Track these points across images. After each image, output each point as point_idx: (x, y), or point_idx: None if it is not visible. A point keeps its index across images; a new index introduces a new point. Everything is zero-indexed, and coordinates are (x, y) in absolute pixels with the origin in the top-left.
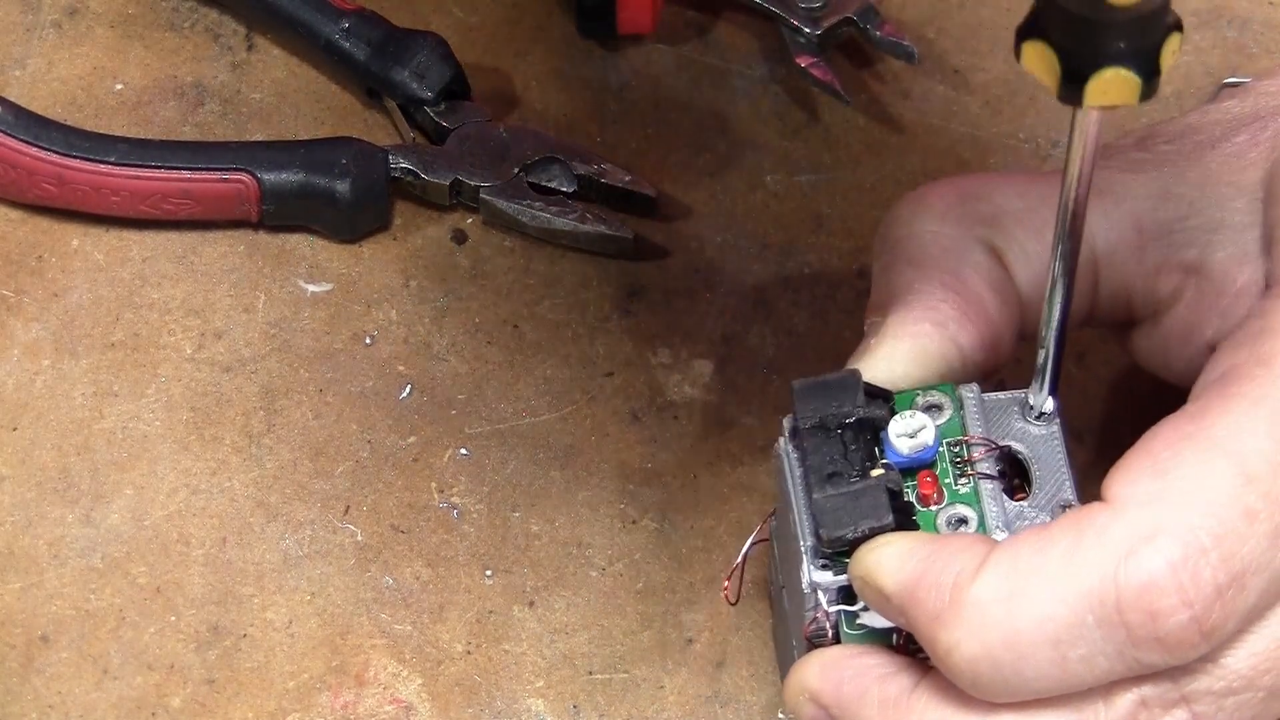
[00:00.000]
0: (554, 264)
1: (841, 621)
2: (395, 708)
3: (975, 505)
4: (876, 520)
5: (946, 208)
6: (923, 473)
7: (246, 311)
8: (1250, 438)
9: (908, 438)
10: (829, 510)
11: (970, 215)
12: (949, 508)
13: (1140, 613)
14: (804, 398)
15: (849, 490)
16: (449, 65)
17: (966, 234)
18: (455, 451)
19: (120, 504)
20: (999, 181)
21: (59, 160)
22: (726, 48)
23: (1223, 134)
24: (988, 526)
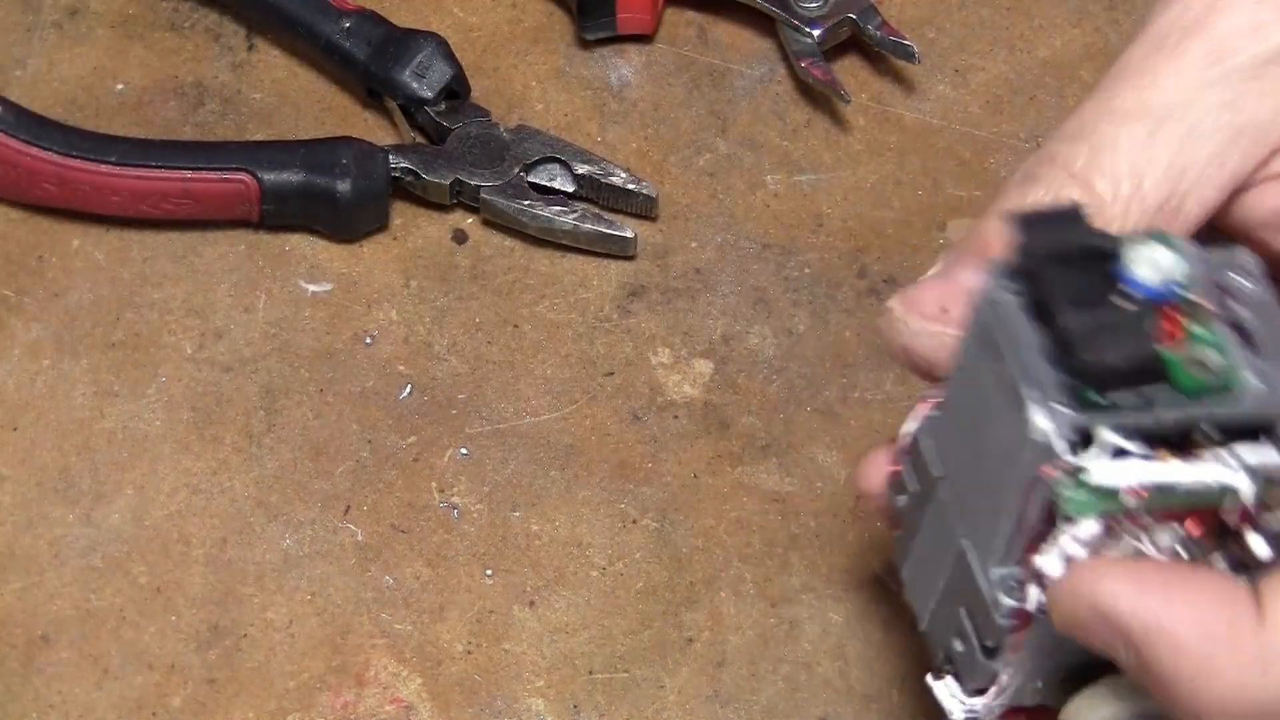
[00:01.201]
0: (554, 264)
1: (1064, 486)
2: (395, 708)
3: (1223, 350)
4: (1139, 350)
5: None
6: (1165, 307)
7: (247, 311)
8: None
9: (1153, 268)
10: (1085, 336)
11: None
12: (1194, 348)
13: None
14: (1027, 229)
15: (1105, 319)
16: (449, 65)
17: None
18: (455, 451)
19: (121, 504)
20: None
21: (59, 160)
22: (726, 48)
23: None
24: (1238, 376)
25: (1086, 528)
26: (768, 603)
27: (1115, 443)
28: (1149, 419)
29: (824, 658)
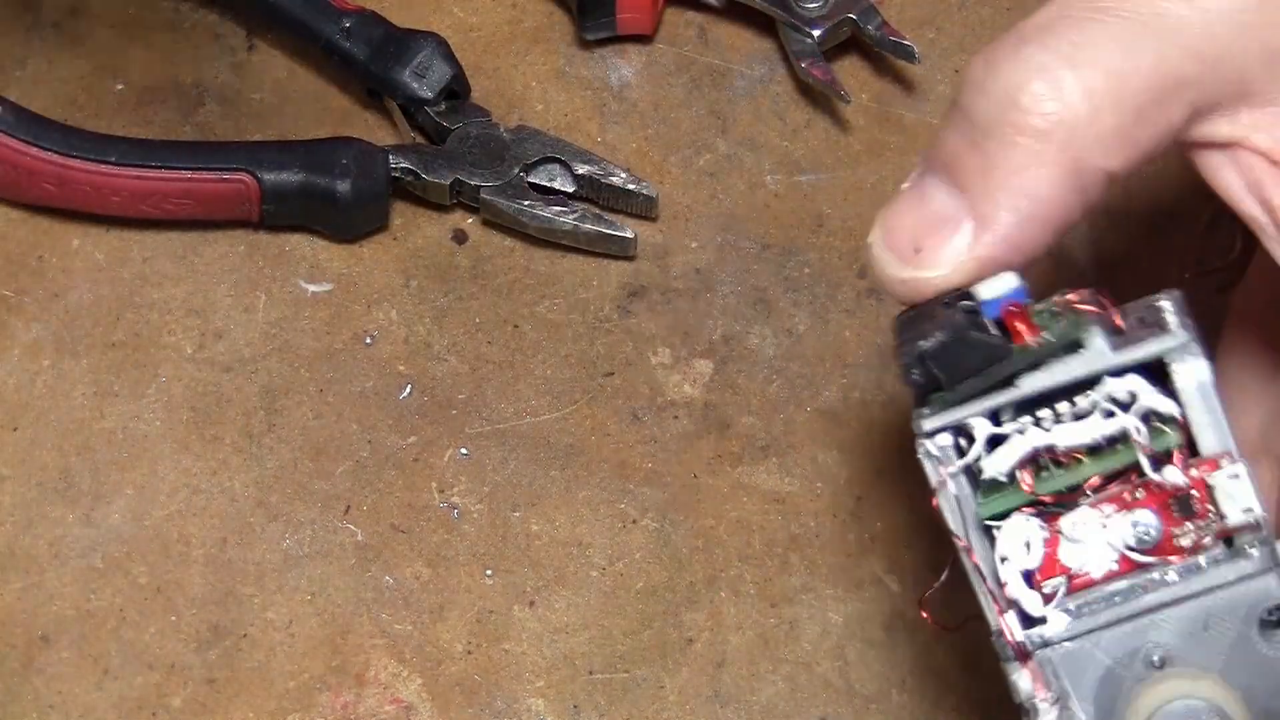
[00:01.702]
0: (554, 264)
1: (962, 489)
2: (395, 708)
3: (1071, 321)
4: (953, 332)
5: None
6: (1007, 310)
7: (247, 311)
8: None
9: (991, 288)
10: (904, 338)
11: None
12: (1044, 332)
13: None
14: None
15: (922, 323)
16: (449, 65)
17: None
18: (455, 451)
19: (121, 504)
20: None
21: (59, 160)
22: (726, 48)
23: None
24: (1088, 337)
25: (1014, 533)
26: (768, 603)
27: (990, 431)
28: (1010, 395)
29: (824, 658)
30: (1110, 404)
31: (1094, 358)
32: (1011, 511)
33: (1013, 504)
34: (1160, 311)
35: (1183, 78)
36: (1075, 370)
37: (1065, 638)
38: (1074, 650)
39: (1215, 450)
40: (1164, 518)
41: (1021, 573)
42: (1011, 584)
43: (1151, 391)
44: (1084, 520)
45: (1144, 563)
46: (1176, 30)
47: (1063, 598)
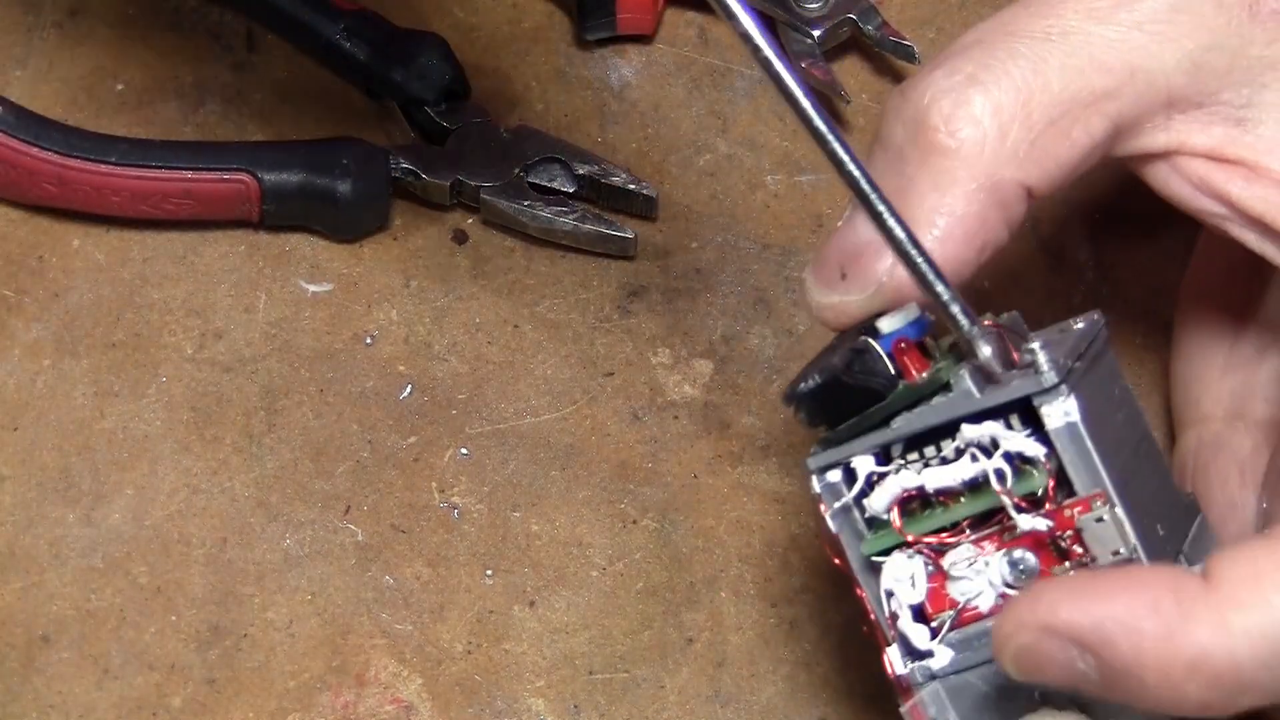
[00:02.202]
0: (554, 264)
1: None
2: (395, 708)
3: (949, 363)
4: (829, 371)
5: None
6: (898, 345)
7: (247, 311)
8: None
9: (889, 322)
10: (793, 382)
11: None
12: (931, 370)
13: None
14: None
15: (811, 366)
16: (449, 65)
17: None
18: (455, 451)
19: (121, 504)
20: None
21: (59, 160)
22: (726, 48)
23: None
24: (956, 379)
25: (895, 570)
26: (768, 603)
27: (870, 470)
28: (888, 435)
29: (824, 658)
30: (976, 448)
31: (959, 401)
32: (894, 548)
33: (894, 541)
34: (1034, 353)
35: (1095, 91)
36: (942, 413)
37: (950, 671)
38: (959, 683)
39: (1087, 489)
40: (1041, 556)
41: (911, 607)
42: (901, 617)
43: (1012, 435)
44: (965, 558)
45: None
46: (1084, 46)
47: (948, 632)
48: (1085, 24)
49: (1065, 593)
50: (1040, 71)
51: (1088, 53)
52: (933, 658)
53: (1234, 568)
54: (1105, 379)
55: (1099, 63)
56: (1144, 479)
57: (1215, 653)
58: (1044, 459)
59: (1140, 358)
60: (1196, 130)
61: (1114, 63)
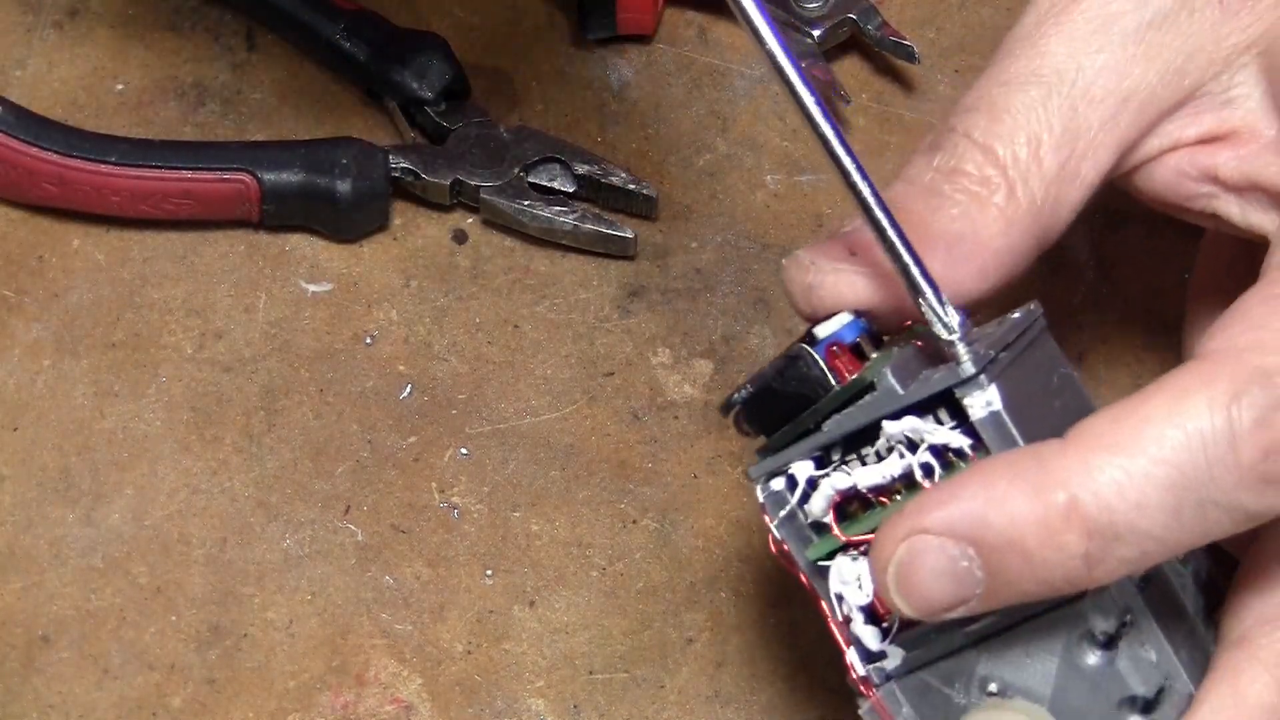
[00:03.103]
0: (554, 264)
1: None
2: (395, 708)
3: (877, 363)
4: (762, 381)
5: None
6: (830, 349)
7: (247, 311)
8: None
9: (826, 327)
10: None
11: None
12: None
13: (1256, 450)
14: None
15: (749, 380)
16: (449, 65)
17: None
18: (455, 451)
19: (121, 504)
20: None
21: (59, 160)
22: (726, 48)
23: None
24: (882, 378)
25: (842, 572)
26: (768, 603)
27: (809, 474)
28: (821, 439)
29: (824, 658)
30: (904, 444)
31: (884, 399)
32: (839, 551)
33: (836, 548)
34: (954, 345)
35: (1094, 125)
36: (868, 412)
37: (903, 670)
38: (915, 682)
39: None
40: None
41: (861, 609)
42: (854, 620)
43: (934, 429)
44: None
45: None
46: (1075, 83)
47: (898, 631)
48: (1071, 60)
49: (929, 498)
50: (1044, 122)
51: (1080, 89)
52: (885, 659)
53: (1093, 423)
54: (1040, 366)
55: (1090, 96)
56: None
57: (1083, 495)
58: (969, 450)
59: (1140, 358)
60: (1187, 125)
61: (1104, 93)
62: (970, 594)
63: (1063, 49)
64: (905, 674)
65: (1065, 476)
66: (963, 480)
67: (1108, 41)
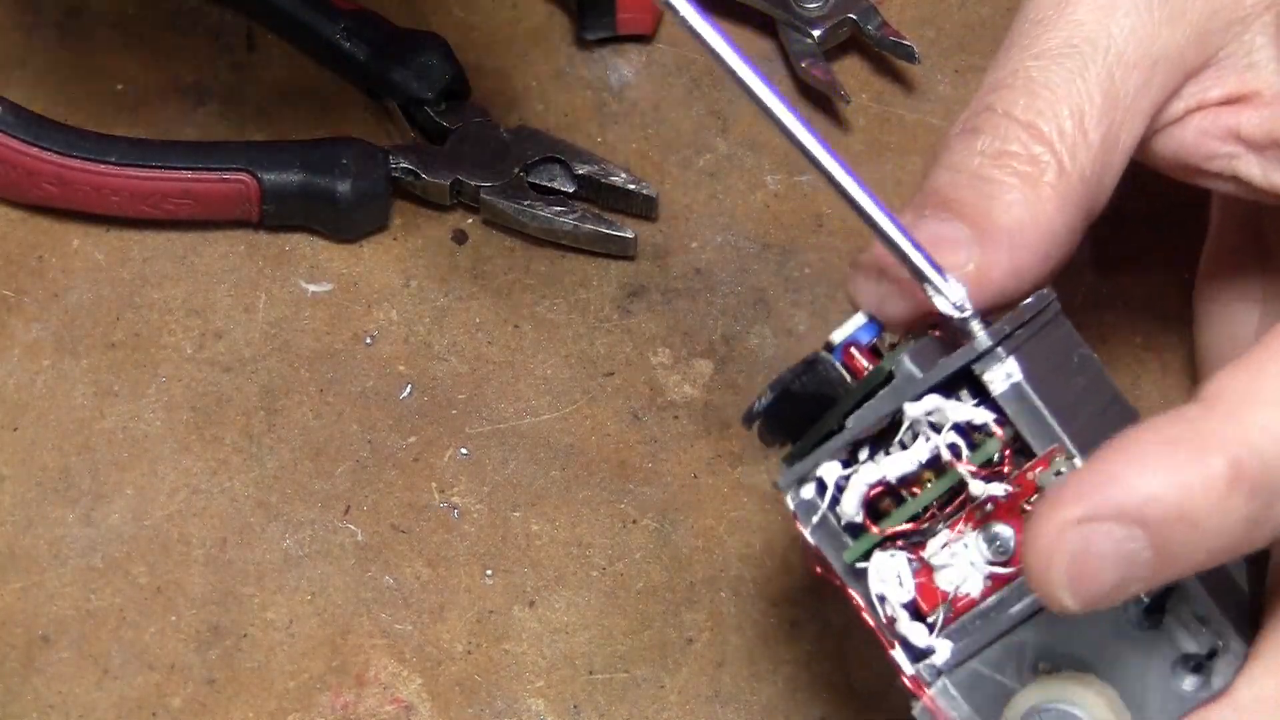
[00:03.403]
0: (554, 264)
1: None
2: (395, 708)
3: (894, 354)
4: (779, 386)
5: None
6: (847, 350)
7: (247, 311)
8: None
9: (841, 331)
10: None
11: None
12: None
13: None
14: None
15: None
16: (449, 65)
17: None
18: (455, 451)
19: (120, 504)
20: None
21: (59, 160)
22: None
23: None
24: (900, 366)
25: (880, 571)
26: (768, 603)
27: (838, 475)
28: (846, 436)
29: (824, 658)
30: (928, 427)
31: (903, 385)
32: (874, 550)
33: (874, 542)
34: (967, 322)
35: (1130, 91)
36: (889, 401)
37: (954, 663)
38: (966, 673)
39: (1044, 447)
40: (1015, 526)
41: (905, 606)
42: (899, 620)
43: (956, 405)
44: (944, 543)
45: (1009, 574)
46: (1109, 49)
47: (944, 624)
48: (1102, 26)
49: (1086, 482)
50: (1085, 93)
51: (1115, 54)
52: (934, 654)
53: (1231, 379)
54: (1058, 345)
55: (1127, 63)
56: (1110, 435)
57: (1243, 454)
58: (994, 424)
59: (1140, 358)
60: (1210, 86)
61: (1138, 57)
62: (1137, 576)
63: (1092, 16)
64: (955, 666)
65: (1222, 437)
66: (1112, 457)
67: (1134, 6)
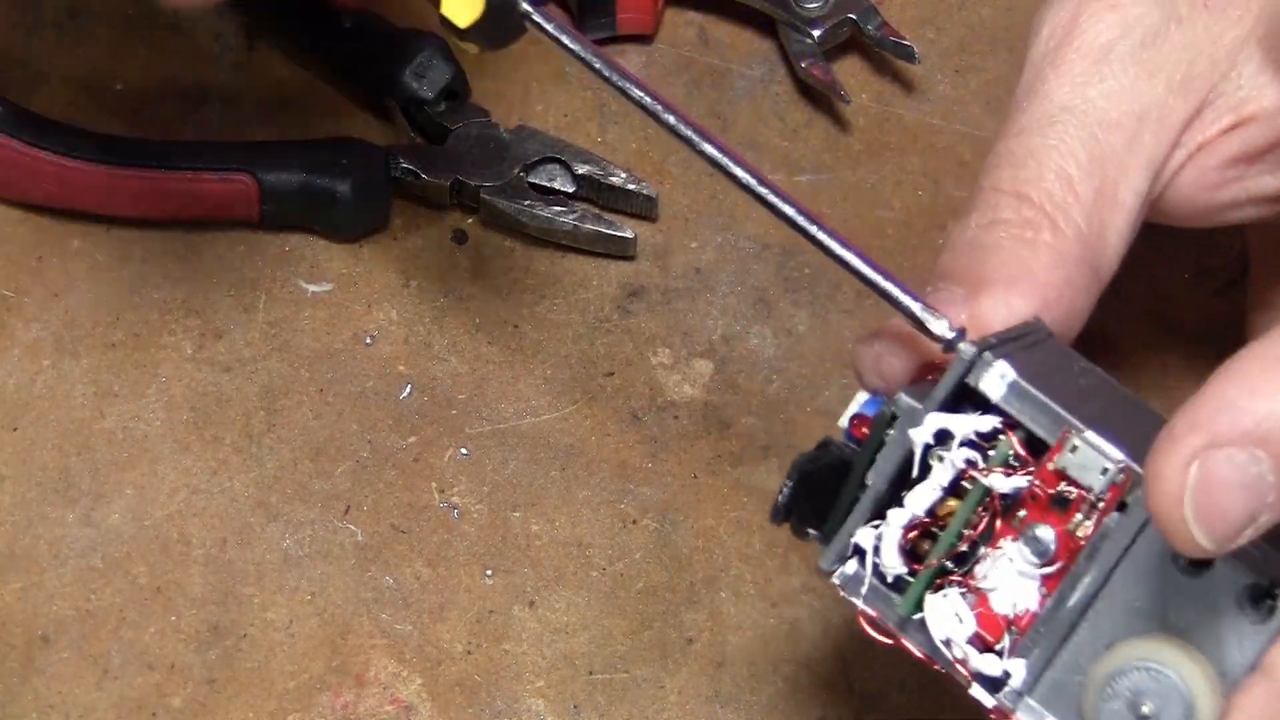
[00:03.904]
0: (554, 264)
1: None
2: (395, 708)
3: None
4: (795, 472)
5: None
6: (853, 424)
7: (246, 311)
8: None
9: (849, 408)
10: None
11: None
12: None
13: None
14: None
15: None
16: (449, 65)
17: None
18: (455, 451)
19: (120, 504)
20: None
21: (59, 160)
22: (726, 48)
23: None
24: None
25: (937, 614)
26: (768, 603)
27: (872, 537)
28: (870, 495)
29: (824, 658)
30: (939, 453)
31: (906, 421)
32: (924, 594)
33: (922, 589)
34: (950, 340)
35: (1118, 148)
36: (899, 442)
37: (1032, 680)
38: (1045, 686)
39: (1055, 435)
40: (1051, 523)
41: (970, 642)
42: (969, 658)
43: (960, 418)
44: (989, 564)
45: (1059, 571)
46: (1089, 114)
47: (1012, 647)
48: (1079, 94)
49: (1200, 413)
50: (1068, 154)
51: (1095, 118)
52: (1011, 678)
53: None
54: (1056, 357)
55: (1108, 122)
56: (1126, 421)
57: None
58: (1002, 428)
59: (1141, 359)
60: (1208, 125)
61: (1119, 115)
62: (1263, 502)
63: (1065, 88)
64: (1035, 683)
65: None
66: (1222, 383)
67: (1108, 71)
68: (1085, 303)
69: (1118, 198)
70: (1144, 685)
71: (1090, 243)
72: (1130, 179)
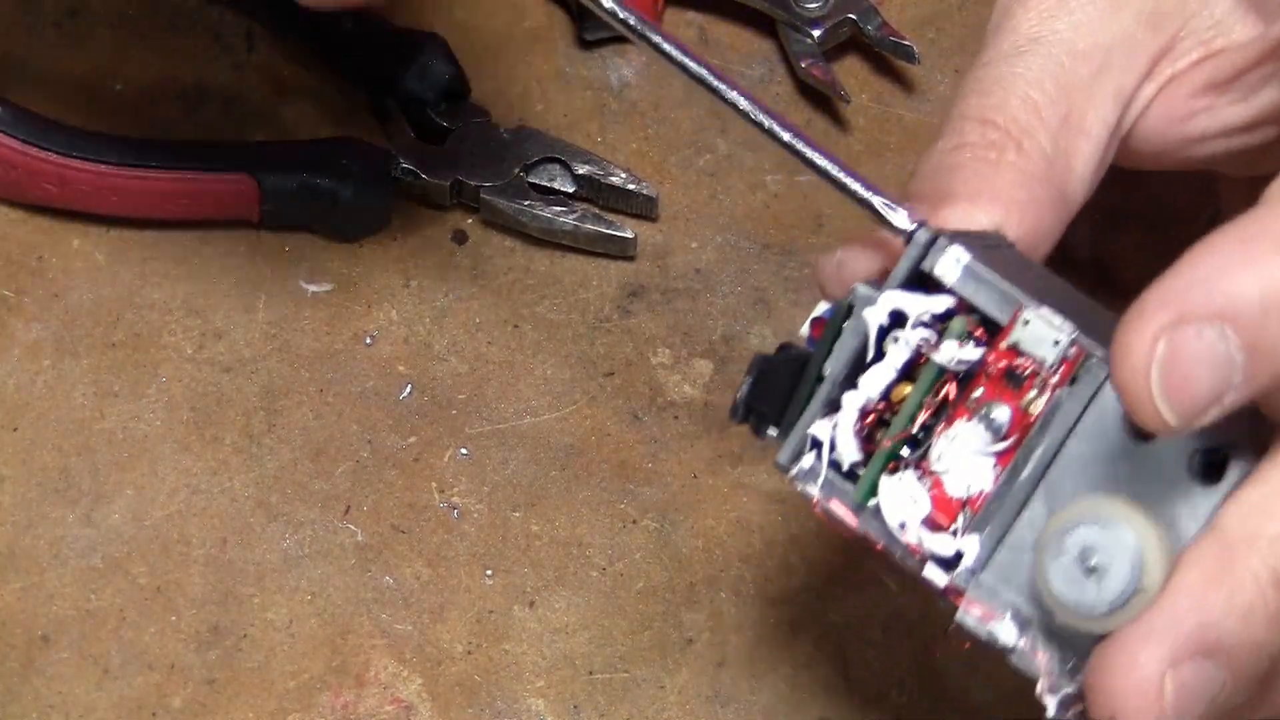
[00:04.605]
0: (554, 264)
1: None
2: (395, 708)
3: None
4: (759, 366)
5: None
6: (813, 324)
7: (247, 311)
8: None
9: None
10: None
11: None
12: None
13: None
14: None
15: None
16: (449, 65)
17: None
18: (455, 451)
19: (121, 504)
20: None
21: (59, 160)
22: (726, 48)
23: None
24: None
25: (892, 497)
26: (768, 603)
27: (829, 427)
28: (827, 386)
29: (824, 658)
30: (894, 335)
31: (863, 306)
32: (878, 479)
33: (876, 473)
34: (903, 231)
35: (1085, 76)
36: (855, 330)
37: (985, 556)
38: (999, 561)
39: (1007, 314)
40: (1005, 399)
41: (924, 524)
42: (924, 541)
43: (916, 298)
44: (943, 444)
45: (1012, 446)
46: (1057, 44)
47: (965, 524)
48: (1046, 26)
49: (1173, 286)
50: (1034, 81)
51: (1062, 48)
52: (964, 557)
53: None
54: (1014, 258)
55: (1076, 52)
56: (1082, 314)
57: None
58: (956, 311)
59: None
60: (1179, 58)
61: (1087, 46)
62: (1229, 381)
63: (1033, 20)
64: (988, 560)
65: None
66: (1193, 260)
67: (1075, 4)
68: (1051, 224)
69: (1085, 126)
70: (1093, 539)
71: (1056, 166)
72: (1098, 108)
